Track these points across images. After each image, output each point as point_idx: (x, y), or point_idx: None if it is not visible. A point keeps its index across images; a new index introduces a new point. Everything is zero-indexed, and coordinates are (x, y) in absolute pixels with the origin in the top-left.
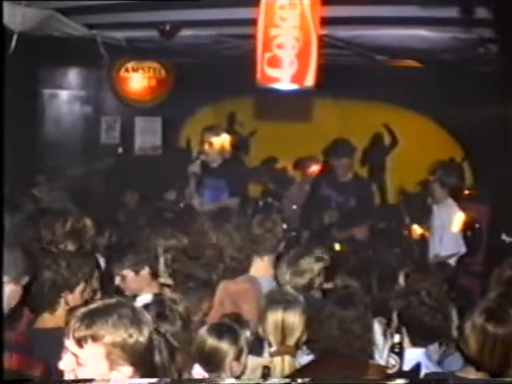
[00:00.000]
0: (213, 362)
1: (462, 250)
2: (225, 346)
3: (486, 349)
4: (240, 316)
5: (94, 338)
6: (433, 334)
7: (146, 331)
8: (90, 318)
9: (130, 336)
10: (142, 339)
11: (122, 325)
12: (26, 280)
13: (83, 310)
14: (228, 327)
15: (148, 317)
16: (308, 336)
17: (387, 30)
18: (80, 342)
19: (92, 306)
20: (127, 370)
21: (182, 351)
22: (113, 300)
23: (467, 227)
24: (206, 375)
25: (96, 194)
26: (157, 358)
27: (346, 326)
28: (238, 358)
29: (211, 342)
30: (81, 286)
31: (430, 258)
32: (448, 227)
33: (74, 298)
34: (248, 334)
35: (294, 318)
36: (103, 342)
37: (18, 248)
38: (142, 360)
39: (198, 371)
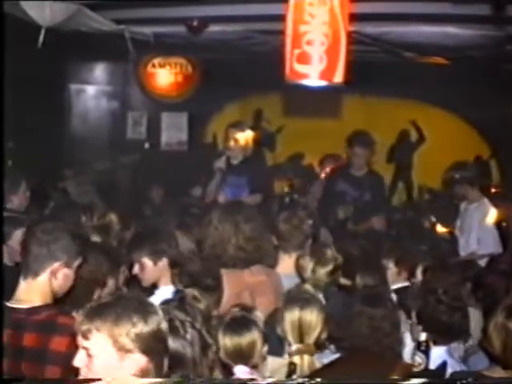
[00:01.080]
0: (251, 354)
1: (499, 249)
2: (256, 335)
3: (509, 346)
4: (243, 304)
5: (98, 329)
6: (452, 332)
7: (152, 321)
8: (94, 311)
9: (134, 325)
10: (147, 328)
11: (125, 314)
12: (77, 262)
13: (90, 304)
14: (246, 318)
15: (157, 308)
16: (335, 334)
17: (416, 26)
18: (85, 334)
19: (100, 301)
20: (139, 357)
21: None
22: (120, 294)
23: (495, 225)
24: (249, 369)
25: (122, 189)
26: (188, 351)
27: (376, 324)
28: (264, 342)
29: (245, 338)
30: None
31: (463, 256)
32: (486, 227)
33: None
34: (260, 315)
35: (311, 317)
36: (108, 332)
37: (65, 233)
38: (152, 349)
39: (241, 369)
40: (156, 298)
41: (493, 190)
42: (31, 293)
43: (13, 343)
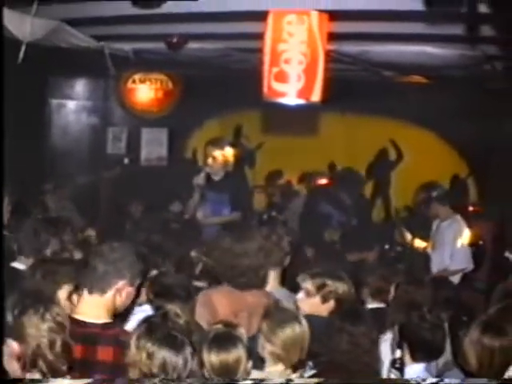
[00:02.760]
0: (236, 370)
1: (471, 266)
2: (241, 351)
3: (484, 361)
4: (226, 320)
5: None
6: (433, 350)
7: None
8: None
9: None
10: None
11: None
12: (139, 281)
13: None
14: (231, 334)
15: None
16: (315, 351)
17: (394, 46)
18: None
19: None
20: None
21: None
22: None
23: (471, 243)
24: None
25: (102, 204)
26: (188, 365)
27: (356, 341)
28: (248, 358)
29: (232, 354)
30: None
31: (436, 272)
32: (459, 243)
33: None
34: (243, 331)
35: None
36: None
37: (131, 251)
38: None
39: None
40: (137, 317)
41: (470, 209)
42: (99, 308)
43: (84, 356)
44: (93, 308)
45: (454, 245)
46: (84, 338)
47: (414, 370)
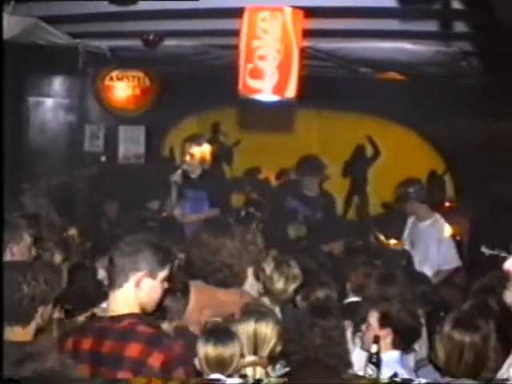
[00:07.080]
0: (230, 365)
1: (460, 262)
2: (237, 347)
3: (453, 357)
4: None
5: None
6: (415, 334)
7: None
8: None
9: None
10: None
11: None
12: (163, 274)
13: None
14: (229, 329)
15: None
16: (289, 348)
17: (370, 42)
18: None
19: None
20: None
21: None
22: None
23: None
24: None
25: (80, 202)
26: None
27: (329, 334)
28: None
29: (229, 349)
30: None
31: (431, 276)
32: (447, 242)
33: (46, 312)
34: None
35: (267, 330)
36: None
37: (147, 244)
38: None
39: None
40: None
41: (447, 205)
42: (117, 303)
43: (93, 350)
44: (113, 304)
45: (441, 245)
46: (95, 332)
47: (389, 355)
